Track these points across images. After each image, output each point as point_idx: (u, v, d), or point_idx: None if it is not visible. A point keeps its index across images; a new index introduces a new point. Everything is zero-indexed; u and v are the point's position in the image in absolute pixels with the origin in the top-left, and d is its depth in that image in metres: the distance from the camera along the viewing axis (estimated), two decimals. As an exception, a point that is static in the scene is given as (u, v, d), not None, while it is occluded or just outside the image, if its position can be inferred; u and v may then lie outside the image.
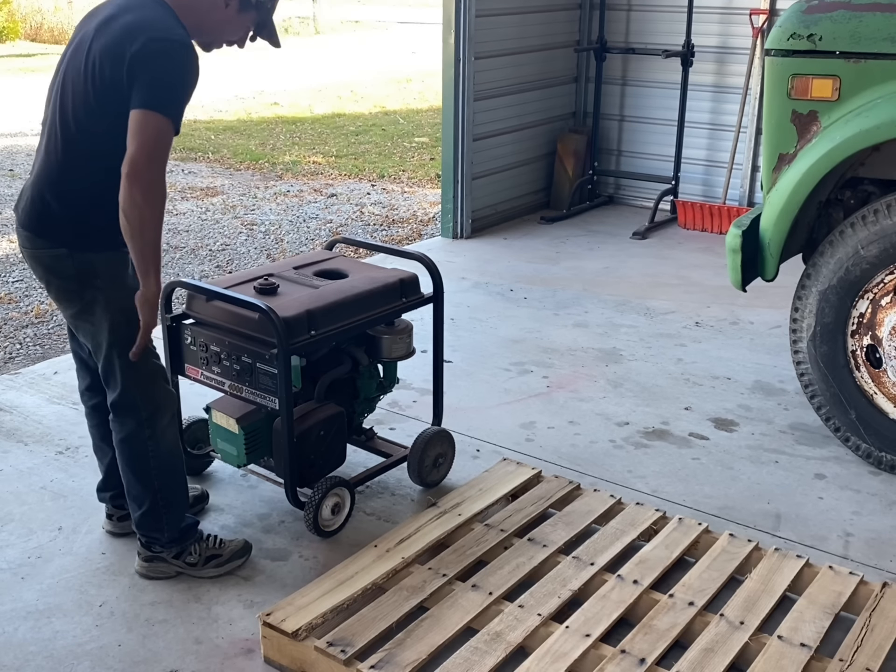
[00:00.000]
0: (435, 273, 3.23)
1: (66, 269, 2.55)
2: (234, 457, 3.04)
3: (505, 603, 2.57)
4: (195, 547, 2.78)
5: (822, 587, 2.65)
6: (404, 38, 22.60)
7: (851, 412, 3.39)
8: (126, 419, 2.65)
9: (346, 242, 3.64)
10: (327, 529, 2.99)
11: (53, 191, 2.53)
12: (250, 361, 2.87)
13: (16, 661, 2.45)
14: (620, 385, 4.11)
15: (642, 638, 2.43)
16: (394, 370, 3.34)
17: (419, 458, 3.21)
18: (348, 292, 3.02)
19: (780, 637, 2.44)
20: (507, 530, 2.90)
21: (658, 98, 6.78)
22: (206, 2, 2.57)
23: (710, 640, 2.43)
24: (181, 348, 3.07)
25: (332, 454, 3.09)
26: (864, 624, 2.49)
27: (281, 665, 2.44)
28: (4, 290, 5.61)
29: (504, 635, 2.43)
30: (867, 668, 2.33)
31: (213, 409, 3.07)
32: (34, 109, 12.72)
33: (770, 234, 3.43)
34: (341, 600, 2.53)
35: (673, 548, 2.83)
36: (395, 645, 2.38)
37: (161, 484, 2.70)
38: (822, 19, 3.24)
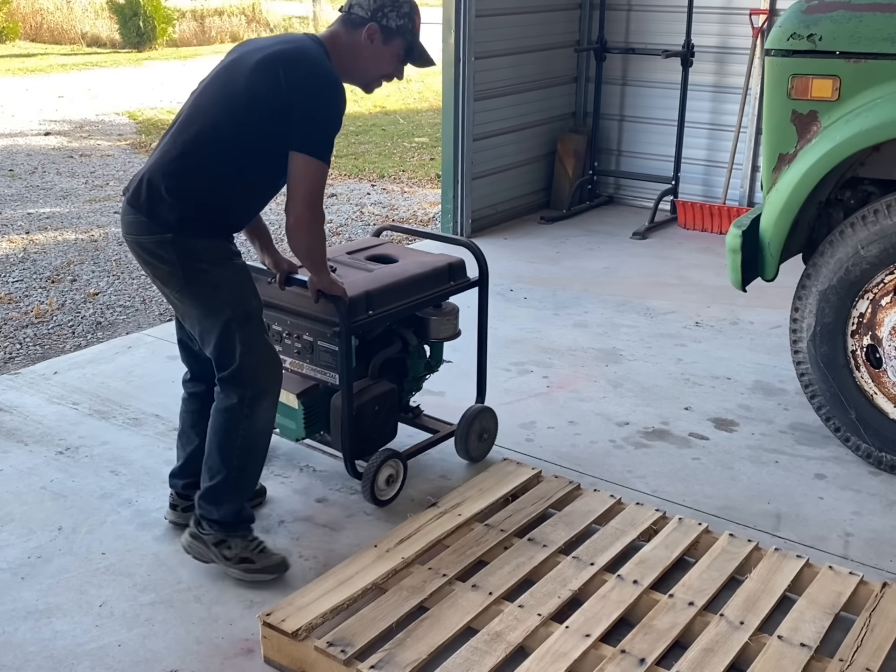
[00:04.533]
0: (480, 258, 3.38)
1: (170, 255, 2.60)
2: (293, 431, 3.20)
3: (505, 603, 2.57)
4: (237, 542, 2.77)
5: (822, 587, 2.64)
6: (404, 38, 22.58)
7: (851, 412, 3.39)
8: (231, 393, 2.69)
9: (394, 230, 3.83)
10: (382, 499, 3.16)
11: (170, 183, 2.58)
12: (311, 339, 3.07)
13: (16, 661, 2.45)
14: (620, 385, 4.10)
15: (642, 638, 2.43)
16: (440, 351, 3.49)
17: (465, 433, 3.39)
18: (402, 275, 3.19)
19: (780, 637, 2.43)
20: (507, 530, 2.90)
21: (658, 98, 6.78)
22: (354, 43, 2.69)
23: (710, 640, 2.43)
24: None
25: (385, 428, 3.26)
26: (864, 624, 2.49)
27: (281, 665, 2.44)
28: (4, 290, 5.61)
29: (504, 635, 2.43)
30: (867, 668, 2.33)
31: None
32: (34, 109, 12.73)
33: (770, 234, 3.43)
34: (341, 600, 2.53)
35: (673, 548, 2.83)
36: (395, 645, 2.38)
37: (239, 463, 2.74)
38: (822, 19, 3.24)
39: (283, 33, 2.75)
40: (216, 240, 2.67)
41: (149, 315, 5.20)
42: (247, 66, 2.60)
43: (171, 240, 2.59)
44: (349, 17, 2.71)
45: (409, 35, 2.74)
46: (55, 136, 10.58)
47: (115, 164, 9.13)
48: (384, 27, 2.69)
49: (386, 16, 2.69)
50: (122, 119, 11.71)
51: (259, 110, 2.57)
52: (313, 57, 2.61)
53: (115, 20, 19.36)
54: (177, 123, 2.68)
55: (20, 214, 7.31)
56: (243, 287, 2.69)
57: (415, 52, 2.78)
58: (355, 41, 2.70)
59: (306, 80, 2.56)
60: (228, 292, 2.65)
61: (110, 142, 10.29)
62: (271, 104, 2.56)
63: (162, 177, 2.59)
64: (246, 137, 2.60)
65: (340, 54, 2.69)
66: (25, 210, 7.45)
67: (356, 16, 2.69)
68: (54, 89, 13.86)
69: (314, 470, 3.38)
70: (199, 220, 2.62)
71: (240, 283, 2.68)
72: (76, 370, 4.22)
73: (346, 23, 2.72)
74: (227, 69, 2.67)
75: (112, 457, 3.46)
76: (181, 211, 2.59)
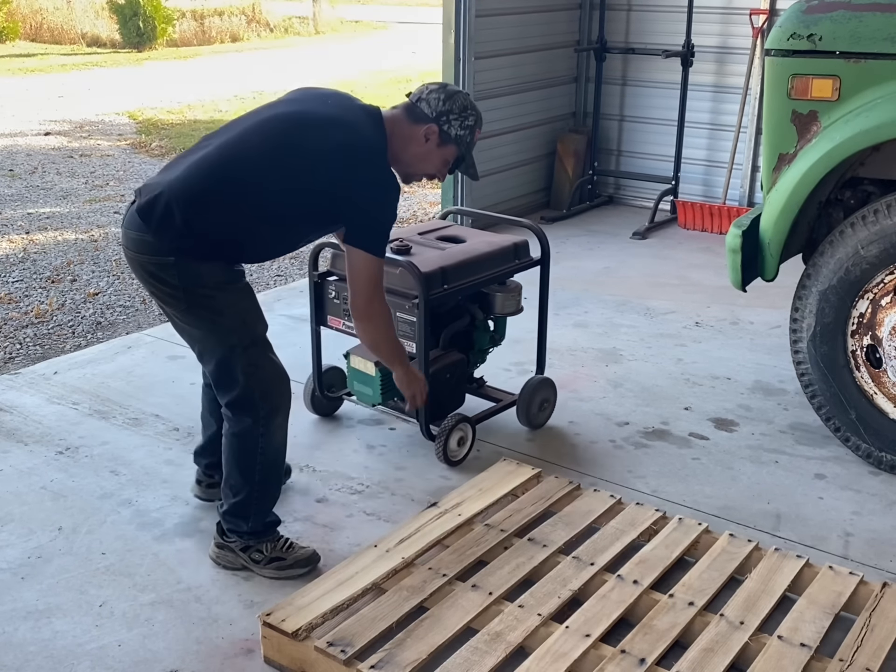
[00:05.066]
0: (543, 239, 3.67)
1: (171, 278, 2.52)
2: (370, 396, 3.47)
3: (505, 603, 2.57)
4: (266, 546, 2.78)
5: (822, 587, 2.64)
6: (404, 38, 22.59)
7: (851, 412, 3.39)
8: (244, 417, 2.66)
9: (460, 213, 4.01)
10: (454, 459, 3.41)
11: (190, 215, 2.48)
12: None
13: (16, 661, 2.45)
14: (620, 385, 4.10)
15: (642, 638, 2.43)
16: (503, 325, 3.74)
17: (527, 402, 3.63)
18: (472, 253, 3.46)
19: (781, 637, 2.43)
20: (508, 530, 2.90)
21: (658, 98, 6.78)
22: (409, 133, 2.66)
23: (710, 640, 2.42)
24: (324, 302, 3.56)
25: (455, 395, 3.56)
26: (864, 624, 2.49)
27: (281, 665, 2.44)
28: (4, 290, 5.61)
29: (504, 635, 2.43)
30: (867, 668, 2.33)
31: (352, 355, 3.50)
32: (34, 109, 12.74)
33: (770, 234, 3.43)
34: (341, 600, 2.53)
35: (673, 548, 2.83)
36: (395, 645, 2.38)
37: (261, 478, 2.74)
38: (822, 19, 3.24)
39: (344, 96, 2.73)
40: (219, 262, 2.58)
41: (149, 315, 5.20)
42: (310, 136, 2.52)
43: (173, 263, 2.50)
44: (414, 109, 2.69)
45: (464, 146, 2.74)
46: (55, 136, 10.59)
47: (115, 164, 9.13)
48: (444, 132, 2.68)
49: (449, 122, 2.68)
50: (122, 119, 11.71)
51: (313, 185, 2.54)
52: (378, 158, 2.58)
53: (115, 20, 19.36)
54: (214, 147, 2.56)
55: (20, 214, 7.31)
56: (249, 312, 2.65)
57: (465, 163, 2.78)
58: (412, 134, 2.67)
59: (369, 182, 2.55)
60: (233, 319, 2.60)
61: (110, 142, 10.29)
62: (329, 188, 2.54)
63: (183, 205, 2.47)
64: (289, 202, 2.56)
65: (395, 141, 2.65)
66: (25, 210, 7.45)
67: (420, 111, 2.68)
68: (54, 89, 13.86)
69: (314, 470, 3.38)
70: (206, 248, 2.55)
71: (245, 309, 2.63)
72: (76, 370, 4.22)
73: (409, 112, 2.69)
74: (286, 122, 2.58)
75: (112, 457, 3.46)
76: (191, 241, 2.51)
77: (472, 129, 2.72)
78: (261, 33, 21.98)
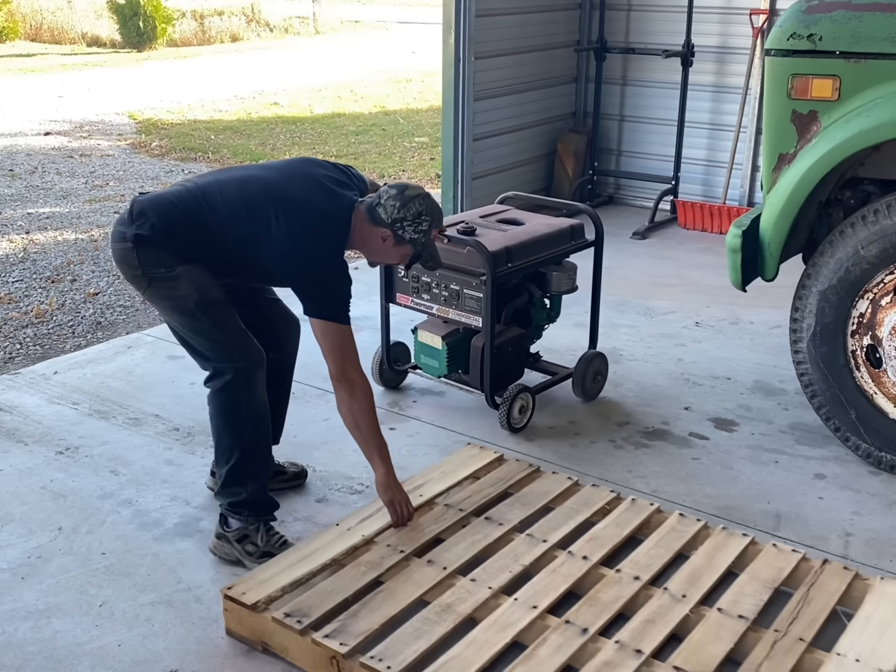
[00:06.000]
0: (597, 222, 3.91)
1: (132, 261, 2.78)
2: (436, 369, 3.73)
3: (458, 577, 2.65)
4: (260, 537, 2.87)
5: (765, 563, 2.73)
6: (404, 38, 22.59)
7: (851, 412, 3.39)
8: (224, 372, 2.84)
9: (516, 198, 4.22)
10: (516, 426, 3.65)
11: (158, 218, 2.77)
12: (458, 288, 3.59)
13: (16, 661, 2.45)
14: (620, 385, 4.10)
15: (587, 609, 2.51)
16: (559, 303, 3.99)
17: (582, 374, 3.88)
18: (533, 234, 3.70)
19: (720, 609, 2.51)
20: (466, 510, 2.98)
21: (658, 98, 6.78)
22: (368, 232, 2.81)
23: (652, 611, 2.51)
24: (394, 280, 3.81)
25: (516, 367, 3.81)
26: (802, 597, 2.57)
27: (242, 637, 2.51)
28: (4, 290, 5.61)
29: (454, 607, 2.51)
30: (801, 638, 2.40)
31: (420, 330, 3.77)
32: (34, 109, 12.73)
33: (770, 234, 3.43)
34: (301, 575, 2.61)
35: (624, 526, 2.91)
36: (350, 616, 2.45)
37: (250, 437, 2.85)
38: (822, 19, 3.24)
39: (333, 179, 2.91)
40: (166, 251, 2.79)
41: (149, 315, 5.19)
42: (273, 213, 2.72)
43: (131, 248, 2.76)
44: (373, 212, 2.80)
45: (420, 247, 2.85)
46: (55, 136, 10.58)
47: (115, 164, 9.12)
48: (398, 237, 2.80)
49: (403, 227, 2.79)
50: (122, 119, 11.71)
51: (266, 254, 2.74)
52: (322, 248, 2.73)
53: (115, 20, 19.35)
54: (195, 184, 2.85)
55: (20, 214, 7.31)
56: (202, 279, 2.79)
57: (422, 259, 2.90)
58: (371, 233, 2.81)
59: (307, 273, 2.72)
60: (187, 287, 2.78)
61: (110, 142, 10.29)
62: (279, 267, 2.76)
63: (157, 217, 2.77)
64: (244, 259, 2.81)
65: (358, 235, 2.82)
66: (25, 210, 7.45)
67: (378, 215, 2.79)
68: (54, 89, 13.85)
69: (315, 469, 3.38)
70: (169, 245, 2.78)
71: (198, 276, 2.79)
72: (76, 370, 4.22)
73: (370, 213, 2.80)
74: (264, 191, 2.79)
75: (112, 457, 3.46)
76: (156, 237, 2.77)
77: (426, 233, 2.83)
78: (261, 33, 21.97)
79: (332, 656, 2.33)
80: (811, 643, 2.39)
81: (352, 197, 2.84)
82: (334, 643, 2.34)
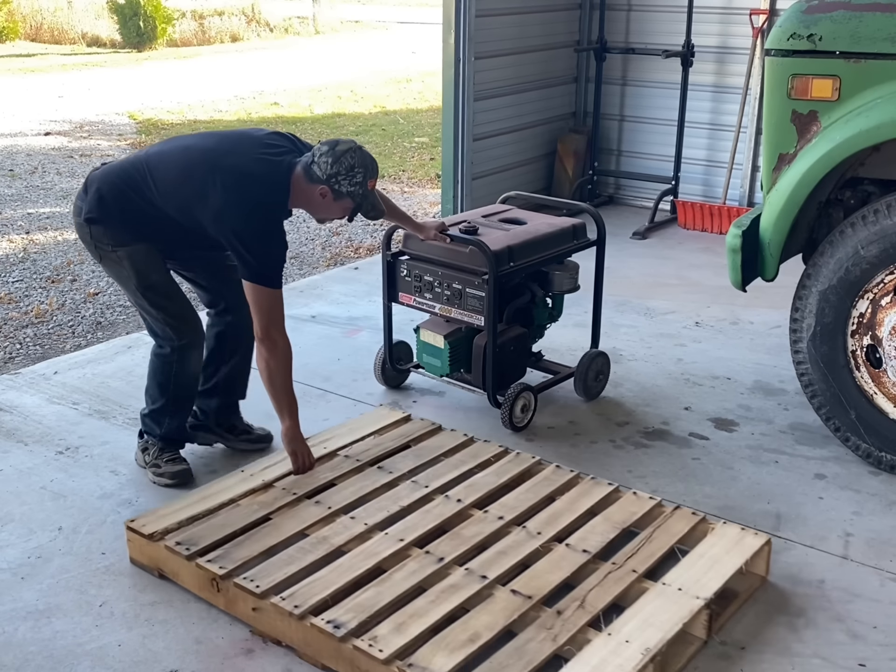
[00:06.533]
0: (599, 221, 3.91)
1: (85, 236, 3.11)
2: (439, 368, 3.74)
3: (340, 515, 2.89)
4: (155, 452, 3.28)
5: (621, 508, 2.94)
6: (404, 38, 22.60)
7: (851, 412, 3.39)
8: (164, 345, 3.20)
9: (519, 197, 4.22)
10: (518, 425, 3.66)
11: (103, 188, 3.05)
12: (460, 287, 3.58)
13: (16, 661, 2.45)
14: (620, 385, 4.10)
15: (448, 543, 2.75)
16: (561, 303, 3.97)
17: (584, 373, 3.89)
18: (535, 233, 3.71)
19: (568, 545, 2.75)
20: (363, 460, 3.21)
21: (658, 98, 6.78)
22: (309, 193, 2.97)
23: (506, 545, 2.75)
24: (396, 280, 3.80)
25: (518, 366, 3.83)
26: (646, 537, 2.78)
27: (143, 564, 2.81)
28: (4, 290, 5.61)
29: (329, 539, 2.76)
30: (634, 570, 2.63)
31: (422, 329, 3.78)
32: (34, 109, 12.72)
33: (770, 234, 3.43)
34: (198, 511, 2.87)
35: (502, 475, 3.13)
36: (234, 545, 2.72)
37: (174, 397, 3.25)
38: (822, 19, 3.24)
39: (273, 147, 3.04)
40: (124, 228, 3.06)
41: (149, 315, 5.19)
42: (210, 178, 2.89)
43: (84, 224, 3.07)
44: (309, 170, 2.93)
45: (358, 198, 2.97)
46: (55, 136, 10.59)
47: (115, 164, 9.12)
48: (336, 191, 2.93)
49: (339, 182, 2.92)
50: (122, 119, 11.71)
51: (202, 218, 2.95)
52: (256, 206, 2.88)
53: (115, 20, 19.36)
54: (144, 152, 3.12)
55: (20, 214, 7.31)
56: (144, 262, 3.08)
57: (363, 209, 3.02)
58: (310, 191, 2.96)
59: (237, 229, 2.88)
60: (130, 265, 3.07)
61: (110, 142, 10.29)
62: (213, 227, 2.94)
63: (104, 187, 3.05)
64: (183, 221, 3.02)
65: (298, 195, 2.98)
66: (25, 210, 7.45)
67: (314, 173, 2.92)
68: (54, 89, 13.86)
69: (314, 470, 3.39)
70: (114, 221, 3.05)
71: (141, 260, 3.07)
72: (76, 370, 4.22)
73: (306, 173, 2.94)
74: (201, 159, 2.98)
75: (112, 457, 3.46)
76: (103, 212, 3.05)
77: (362, 184, 2.94)
78: (261, 33, 21.98)
79: (213, 578, 2.60)
80: (643, 575, 2.61)
81: (290, 160, 2.98)
82: (214, 566, 2.61)
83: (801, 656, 2.47)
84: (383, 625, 2.39)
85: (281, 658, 2.46)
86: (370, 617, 2.42)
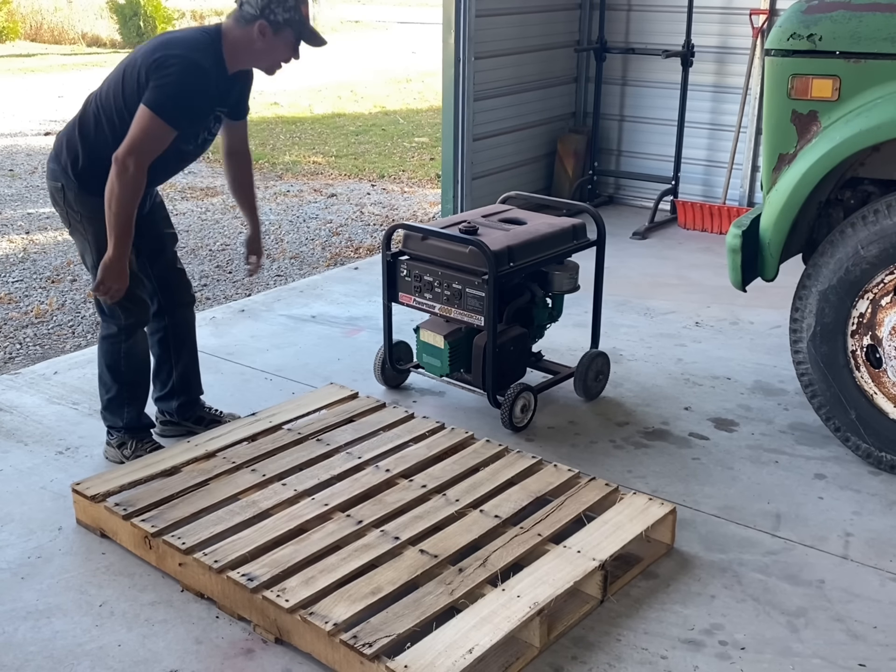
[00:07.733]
0: (599, 221, 3.91)
1: (59, 199, 3.14)
2: (438, 368, 3.75)
3: (273, 482, 3.04)
4: (133, 444, 3.33)
5: (539, 479, 3.06)
6: (404, 38, 22.60)
7: (851, 412, 3.39)
8: (111, 324, 3.21)
9: (519, 197, 4.24)
10: (518, 425, 3.66)
11: (69, 140, 3.12)
12: (460, 287, 3.57)
13: (16, 661, 2.45)
14: (620, 385, 4.10)
15: (370, 508, 2.88)
16: (561, 303, 3.96)
17: (584, 373, 3.90)
18: (535, 233, 3.70)
19: (481, 511, 2.88)
20: (304, 434, 3.34)
21: (658, 98, 6.78)
22: (246, 37, 2.93)
23: (424, 510, 2.88)
24: (396, 280, 3.78)
25: (518, 366, 3.83)
26: (557, 505, 2.90)
27: (87, 525, 2.97)
28: (4, 290, 5.61)
29: (258, 503, 2.91)
30: (539, 534, 2.75)
31: (422, 329, 3.78)
32: (34, 109, 12.71)
33: (770, 234, 3.43)
34: (140, 477, 3.05)
35: (433, 448, 3.25)
36: (169, 507, 2.89)
37: (128, 380, 3.28)
38: (822, 19, 3.24)
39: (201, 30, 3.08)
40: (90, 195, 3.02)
41: (149, 315, 5.19)
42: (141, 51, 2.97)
43: (60, 188, 3.09)
44: (241, 14, 2.93)
45: (297, 25, 2.93)
46: (55, 136, 10.58)
47: (115, 164, 9.11)
48: (273, 22, 2.90)
49: (273, 11, 2.89)
50: (122, 119, 11.70)
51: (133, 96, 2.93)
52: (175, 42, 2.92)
53: (115, 20, 19.37)
54: (91, 100, 3.13)
55: (20, 214, 7.31)
56: (100, 242, 3.03)
57: (305, 37, 2.97)
58: (247, 36, 2.93)
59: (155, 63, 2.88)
60: (94, 241, 3.08)
61: (110, 142, 10.28)
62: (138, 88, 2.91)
63: (66, 139, 3.12)
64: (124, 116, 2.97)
65: (238, 47, 2.95)
66: (25, 210, 7.45)
67: (247, 13, 2.91)
68: (54, 89, 13.86)
69: (314, 470, 3.39)
70: (82, 176, 3.05)
71: (98, 240, 3.05)
72: (76, 370, 4.22)
73: (237, 19, 2.94)
74: (128, 60, 3.02)
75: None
76: (72, 164, 3.06)
77: (296, 8, 2.91)
78: (261, 33, 21.95)
79: (145, 535, 2.78)
80: (548, 538, 2.74)
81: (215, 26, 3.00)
82: (147, 525, 2.79)
83: (801, 656, 2.47)
84: (293, 578, 2.55)
85: (281, 658, 2.46)
86: (283, 572, 2.57)
